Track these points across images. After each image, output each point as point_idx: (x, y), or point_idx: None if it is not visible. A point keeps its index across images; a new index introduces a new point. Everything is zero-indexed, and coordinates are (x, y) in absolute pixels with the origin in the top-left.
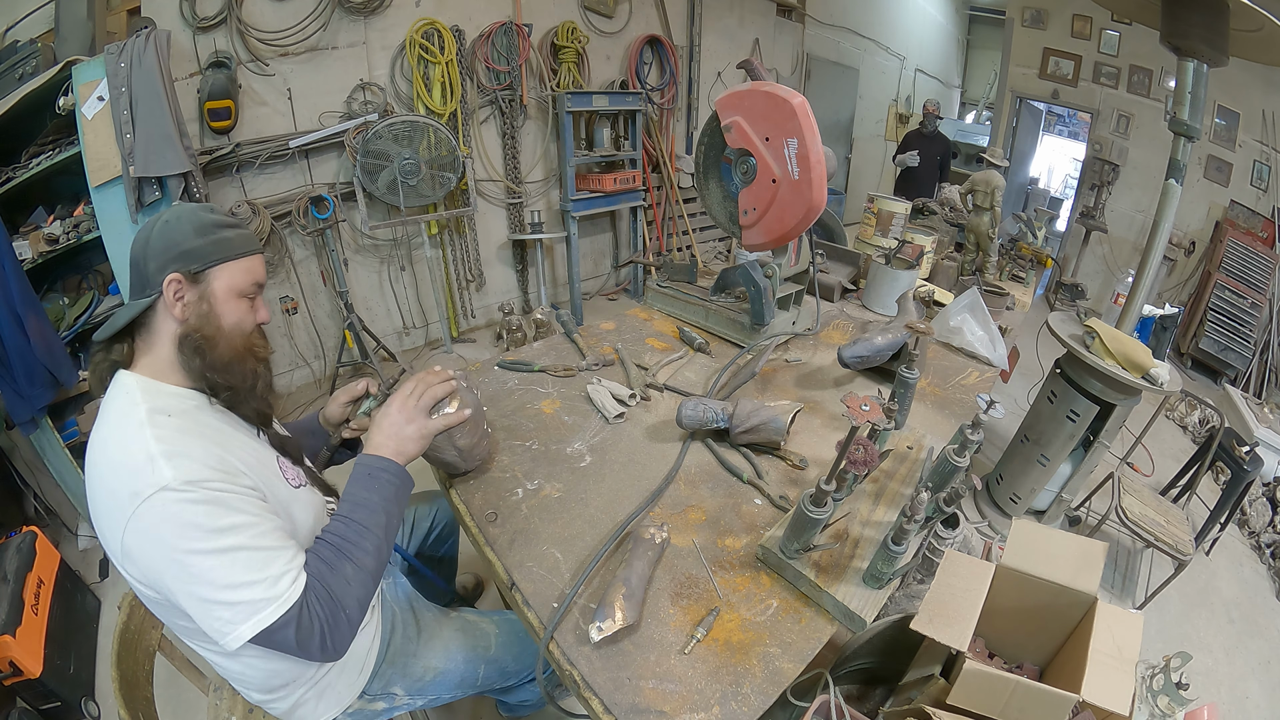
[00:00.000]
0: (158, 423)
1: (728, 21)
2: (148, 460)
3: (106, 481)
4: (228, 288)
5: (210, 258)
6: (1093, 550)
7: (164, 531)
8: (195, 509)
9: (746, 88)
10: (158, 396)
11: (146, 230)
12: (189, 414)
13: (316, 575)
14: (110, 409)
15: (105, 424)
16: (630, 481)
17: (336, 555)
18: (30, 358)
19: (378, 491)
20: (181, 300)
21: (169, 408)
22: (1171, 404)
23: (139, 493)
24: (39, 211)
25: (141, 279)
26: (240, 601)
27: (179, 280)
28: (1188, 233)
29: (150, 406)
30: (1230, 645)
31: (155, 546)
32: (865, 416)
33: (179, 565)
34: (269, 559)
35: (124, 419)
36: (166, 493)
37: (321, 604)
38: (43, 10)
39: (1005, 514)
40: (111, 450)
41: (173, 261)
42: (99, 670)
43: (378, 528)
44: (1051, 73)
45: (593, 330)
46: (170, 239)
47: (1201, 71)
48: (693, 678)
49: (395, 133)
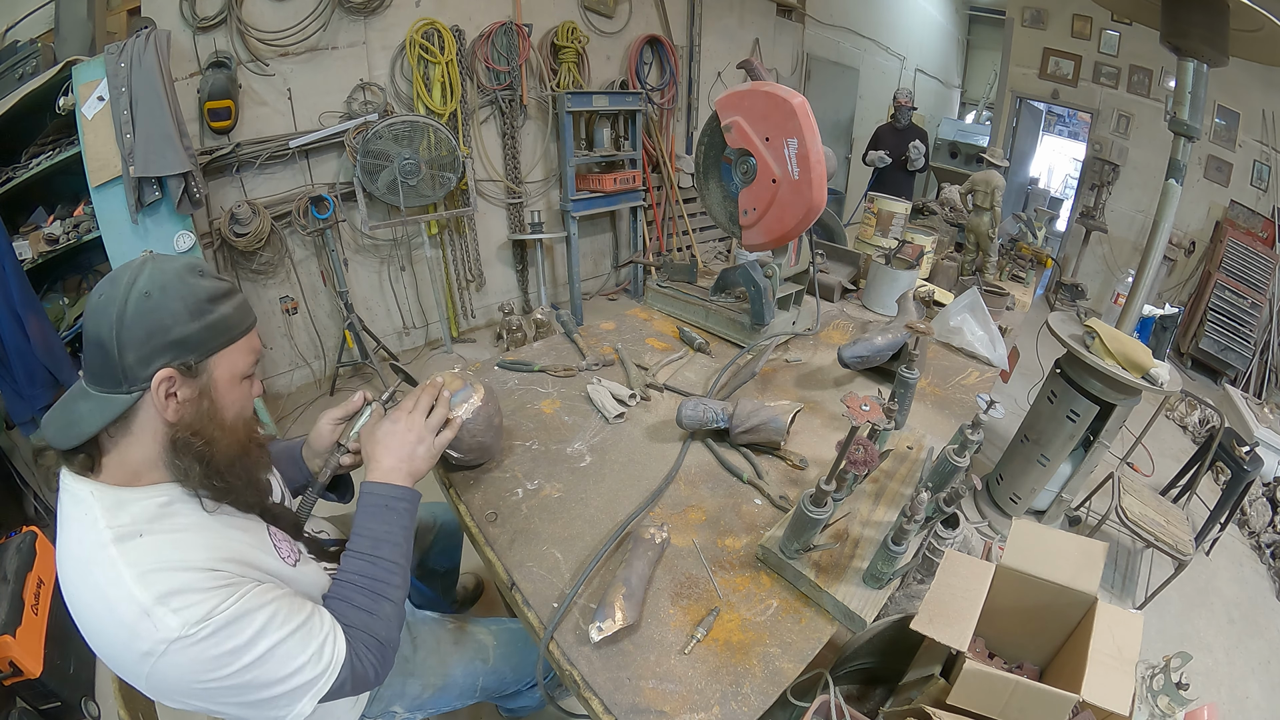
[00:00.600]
0: (129, 555)
1: (728, 21)
2: (143, 615)
3: (100, 640)
4: (230, 375)
5: (210, 345)
6: (1093, 550)
7: (193, 675)
8: (214, 641)
9: (746, 88)
10: (122, 511)
11: (113, 303)
12: (160, 520)
13: (362, 626)
14: (68, 532)
15: (69, 558)
16: (630, 481)
17: (373, 599)
18: (30, 358)
19: (397, 523)
20: (174, 398)
21: (137, 522)
22: (1171, 404)
23: (150, 653)
24: (39, 211)
25: (111, 370)
26: (294, 688)
27: (172, 377)
28: (1188, 233)
29: (115, 533)
30: (1230, 645)
31: (187, 688)
32: (865, 416)
33: (219, 692)
34: (305, 639)
35: (89, 553)
36: (178, 644)
37: (370, 650)
38: (43, 10)
39: (1005, 514)
40: (92, 603)
41: (161, 353)
42: (99, 670)
43: (403, 558)
44: (1051, 73)
45: (593, 330)
46: (156, 322)
47: (1201, 71)
48: (693, 678)
49: (395, 133)
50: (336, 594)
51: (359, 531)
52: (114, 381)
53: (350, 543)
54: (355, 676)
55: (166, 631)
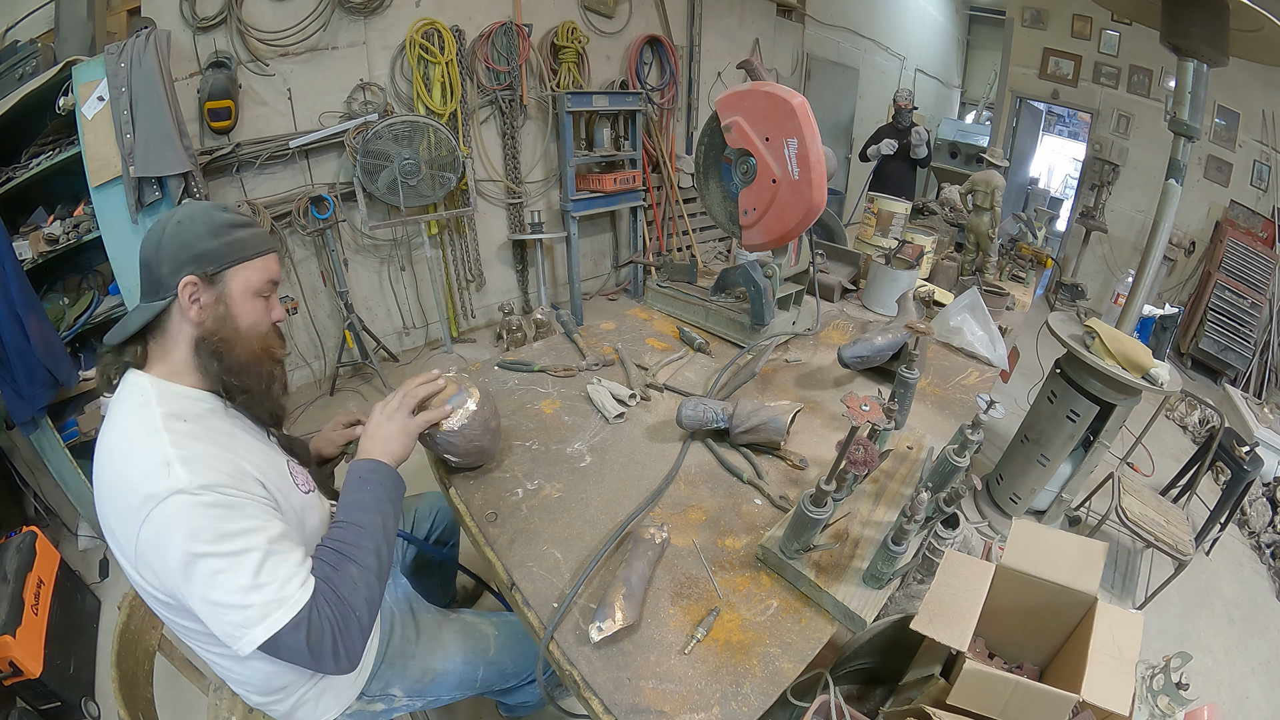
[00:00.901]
0: (173, 428)
1: (728, 21)
2: (164, 464)
3: (119, 484)
4: (244, 288)
5: (226, 259)
6: (1093, 550)
7: (178, 533)
8: (209, 512)
9: (746, 88)
10: (172, 400)
11: (158, 231)
12: (203, 419)
13: (323, 578)
14: (122, 409)
15: (117, 425)
16: (630, 481)
17: (339, 558)
18: (30, 358)
19: (369, 493)
20: (198, 303)
21: (184, 412)
22: (1171, 404)
23: (154, 495)
24: (39, 211)
25: (154, 281)
26: (251, 604)
27: (195, 283)
28: (1188, 233)
29: (165, 411)
30: (1230, 645)
31: (168, 548)
32: (865, 416)
33: (191, 567)
34: (278, 562)
35: (138, 422)
36: (181, 495)
37: (330, 605)
38: (43, 10)
39: (1005, 514)
40: (125, 453)
41: (187, 264)
42: (99, 670)
43: (375, 528)
44: (1051, 73)
45: (593, 330)
46: (184, 240)
47: (1201, 71)
48: (693, 678)
49: (395, 133)
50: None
51: (339, 505)
52: (154, 291)
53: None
54: (311, 631)
55: (175, 481)
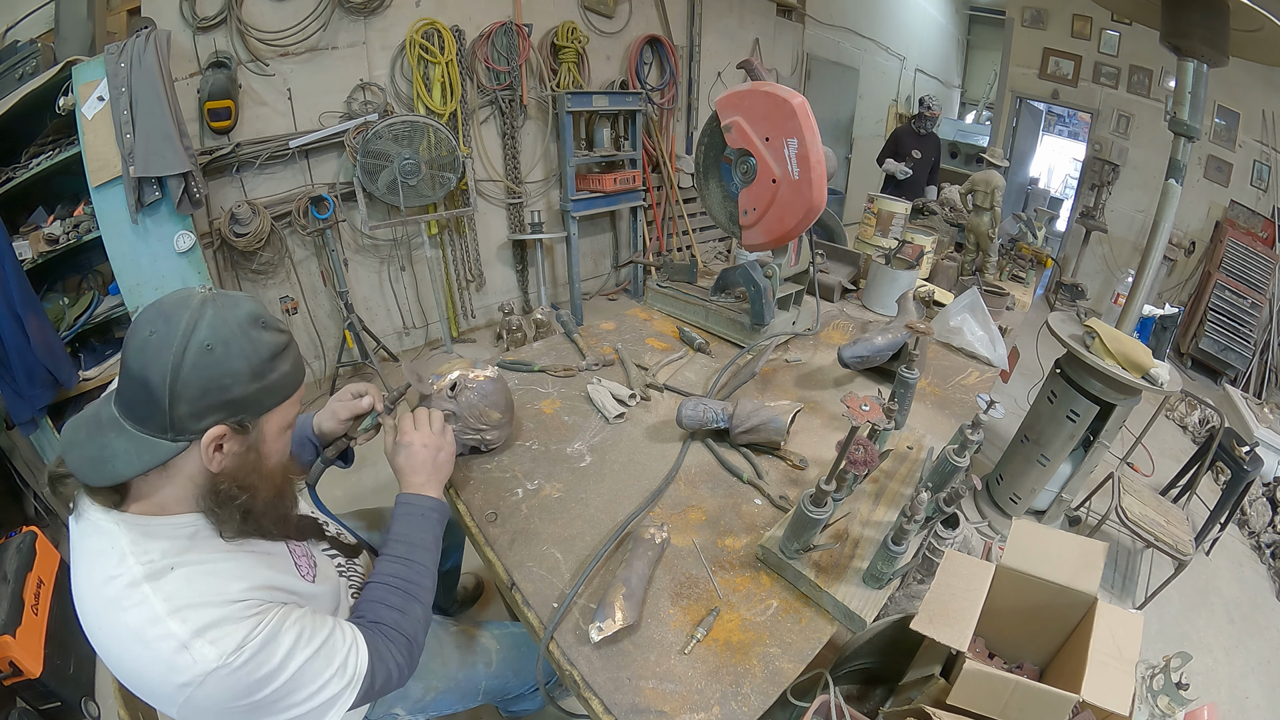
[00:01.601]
0: (162, 590)
1: (728, 21)
2: (181, 649)
3: (134, 677)
4: (279, 428)
5: (266, 405)
6: (1093, 550)
7: (228, 702)
8: (248, 668)
9: (746, 88)
10: (150, 546)
11: (171, 350)
12: (188, 551)
13: (393, 624)
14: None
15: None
16: (630, 481)
17: (405, 599)
18: (30, 358)
19: (430, 531)
20: (221, 452)
21: (166, 557)
22: (1171, 404)
23: (188, 684)
24: (39, 211)
25: (158, 417)
26: (321, 703)
27: (224, 435)
28: (1188, 233)
29: (145, 570)
30: (1230, 645)
31: (223, 713)
32: (865, 416)
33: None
34: (329, 655)
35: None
36: (217, 673)
37: (399, 648)
38: (43, 10)
39: (1005, 514)
40: (127, 642)
41: (216, 410)
42: (99, 670)
43: (433, 564)
44: (1051, 73)
45: (593, 330)
46: (215, 379)
47: (1201, 71)
48: (693, 678)
49: (395, 133)
50: (372, 595)
51: (395, 538)
52: (159, 428)
53: (386, 548)
54: (376, 685)
55: (205, 664)
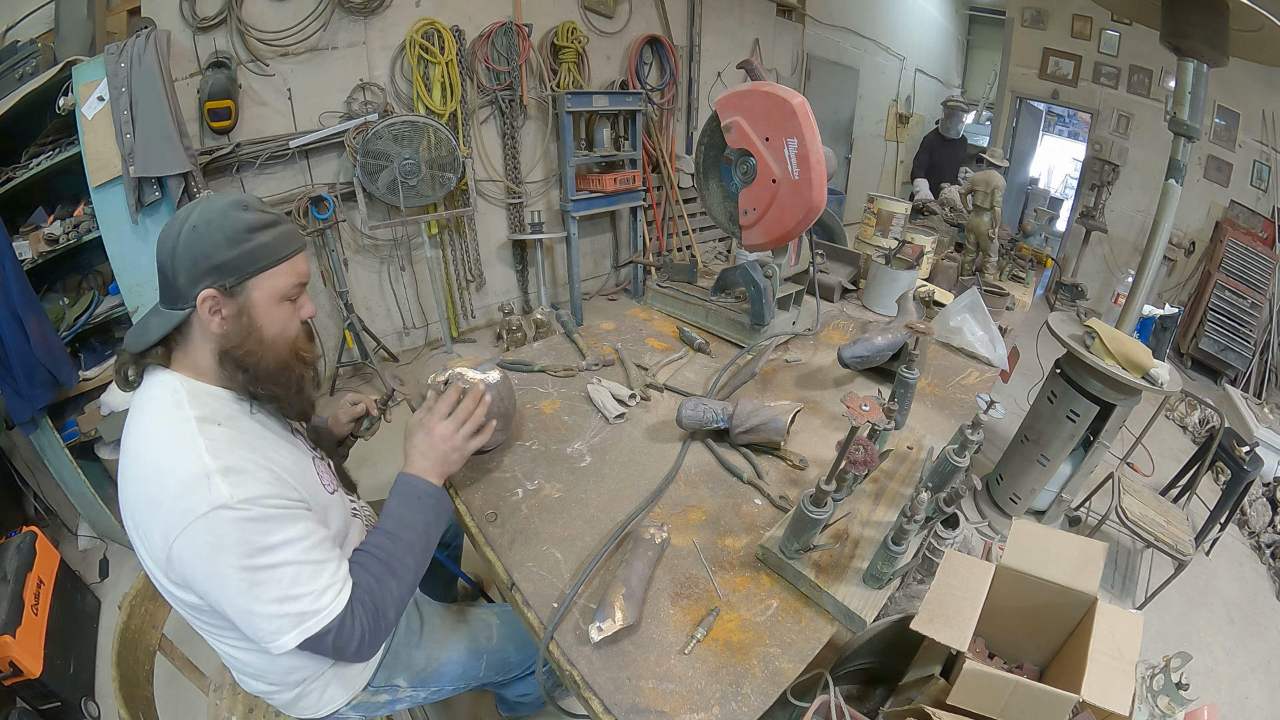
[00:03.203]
0: (209, 433)
1: (728, 21)
2: (204, 476)
3: (155, 491)
4: (269, 296)
5: (247, 269)
6: (1093, 550)
7: (217, 546)
8: (251, 526)
9: (746, 88)
10: (205, 401)
11: (172, 234)
12: (236, 421)
13: (366, 588)
14: (152, 409)
15: (148, 424)
16: (630, 481)
17: (385, 570)
18: (30, 358)
19: (422, 515)
20: (219, 315)
21: (217, 414)
22: (1171, 404)
23: (193, 509)
24: (39, 211)
25: (170, 290)
26: (286, 614)
27: (214, 296)
28: (1188, 233)
29: (199, 414)
30: (1230, 645)
31: (207, 560)
32: (865, 416)
33: (229, 579)
34: (316, 573)
35: (171, 424)
36: (224, 510)
37: (367, 613)
38: (43, 10)
39: (1005, 514)
40: (160, 459)
41: (204, 276)
42: (99, 670)
43: (420, 548)
44: (1051, 73)
45: (593, 330)
46: (199, 249)
47: (1201, 71)
48: (693, 678)
49: (395, 133)
50: (354, 559)
51: (388, 513)
52: (172, 300)
53: (379, 522)
54: (340, 635)
55: (217, 496)
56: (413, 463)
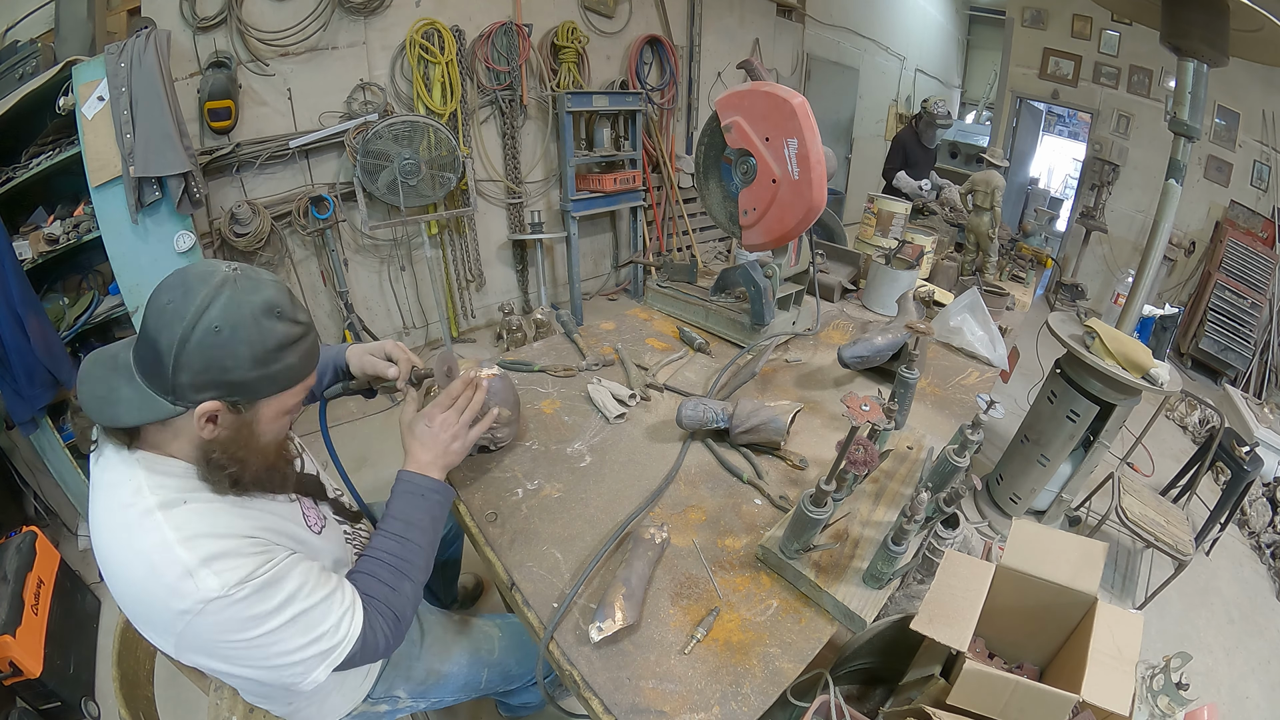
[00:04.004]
0: (174, 520)
1: (728, 21)
2: (185, 575)
3: (144, 602)
4: (276, 413)
5: (264, 392)
6: (1093, 550)
7: (220, 635)
8: (248, 603)
9: (746, 88)
10: (165, 483)
11: (182, 322)
12: (201, 490)
13: (382, 599)
14: (110, 496)
15: (111, 529)
16: (630, 481)
17: (397, 576)
18: (30, 358)
19: (428, 511)
20: (214, 424)
21: (181, 492)
22: (1171, 404)
23: (188, 611)
24: (39, 211)
25: (162, 380)
26: (309, 657)
27: (217, 411)
28: (1188, 233)
29: (160, 499)
30: (1230, 645)
31: (214, 648)
32: (865, 416)
33: (241, 654)
34: (325, 612)
35: (133, 522)
36: (215, 603)
37: (387, 623)
38: (43, 10)
39: (1005, 514)
40: (135, 568)
41: (214, 387)
42: (99, 670)
43: (429, 545)
44: (1051, 73)
45: (593, 330)
46: (216, 358)
47: (1201, 71)
48: (693, 678)
49: (395, 133)
50: (364, 568)
51: (393, 514)
52: (162, 389)
53: (382, 524)
54: (365, 651)
55: (207, 591)
56: (414, 457)
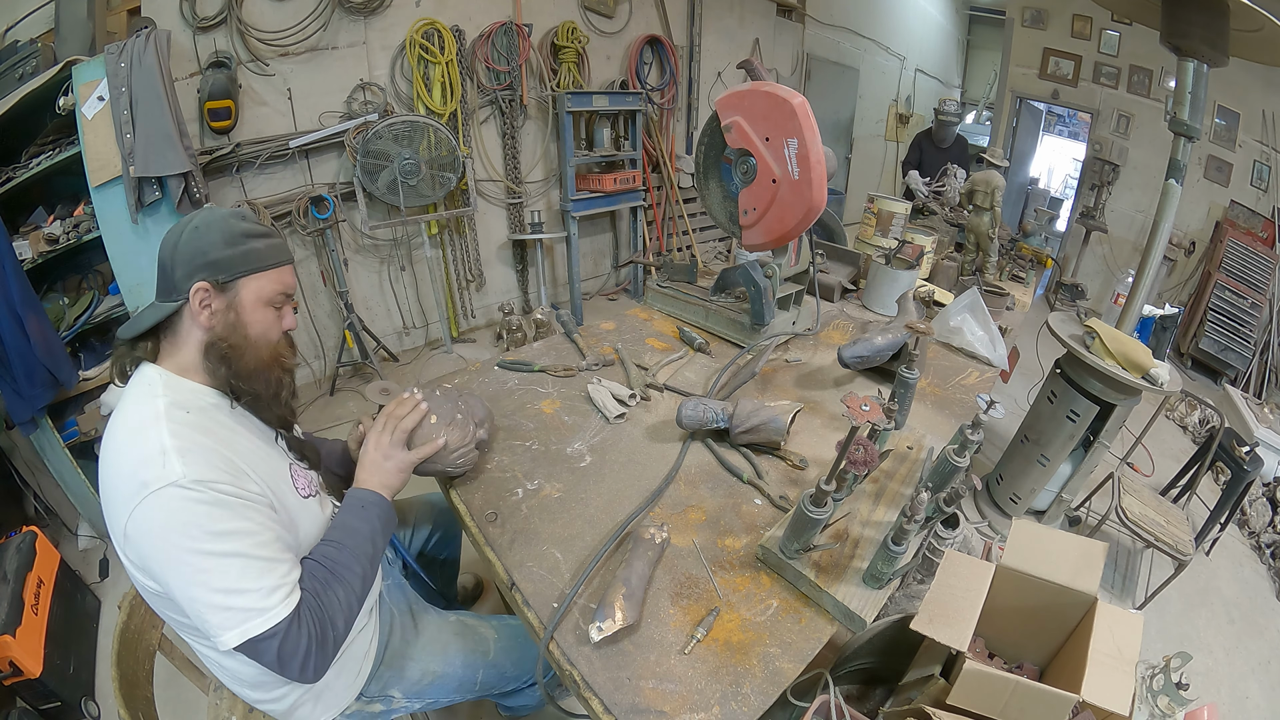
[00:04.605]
0: (174, 417)
1: (728, 21)
2: (160, 453)
3: (117, 468)
4: (255, 298)
5: (238, 268)
6: (1093, 550)
7: (167, 525)
8: (200, 508)
9: (746, 88)
10: (178, 391)
11: (175, 234)
12: (207, 412)
13: (312, 593)
14: (129, 398)
15: (122, 412)
16: (630, 481)
17: (329, 577)
18: (30, 358)
19: (367, 523)
20: (208, 308)
21: (188, 403)
22: (1171, 404)
23: (147, 484)
24: (39, 211)
25: (168, 283)
26: (231, 608)
27: (206, 289)
28: (1188, 233)
29: (169, 401)
30: (1230, 645)
31: (156, 538)
32: (865, 416)
33: (176, 561)
34: (264, 570)
35: (141, 409)
36: (174, 488)
37: (315, 621)
38: (43, 10)
39: (1005, 514)
40: (125, 438)
41: (200, 270)
42: (99, 670)
43: (365, 556)
44: (1051, 73)
45: (593, 330)
46: (198, 247)
47: (1201, 71)
48: (693, 678)
49: (395, 133)
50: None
51: (334, 524)
52: (167, 292)
53: (325, 533)
54: (286, 643)
55: (169, 472)
56: (357, 479)
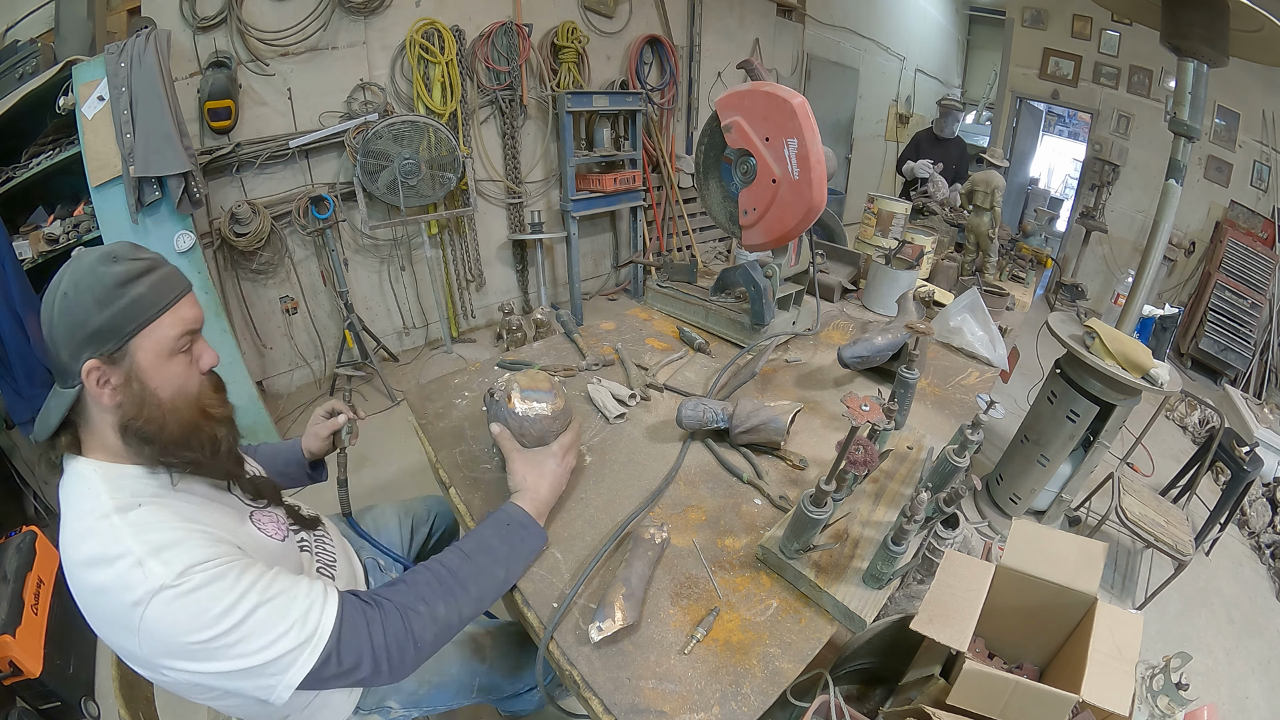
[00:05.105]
0: (129, 519)
1: (728, 21)
2: (135, 565)
3: (100, 600)
4: (155, 354)
5: (124, 329)
6: (1093, 550)
7: (175, 628)
8: (197, 595)
9: (746, 88)
10: (119, 485)
11: (48, 308)
12: (158, 498)
13: (399, 607)
14: (73, 511)
15: (71, 530)
16: (630, 481)
17: (436, 591)
18: (30, 358)
19: (511, 546)
20: (107, 386)
21: (136, 494)
22: (1171, 404)
23: (138, 601)
24: (39, 211)
25: (58, 367)
26: (279, 656)
27: (97, 367)
28: (1188, 233)
29: (116, 504)
30: (1230, 645)
31: (174, 647)
32: (865, 416)
33: (206, 654)
34: (285, 607)
35: (93, 524)
36: (165, 592)
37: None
38: (43, 10)
39: (1005, 514)
40: (92, 566)
41: (84, 346)
42: (99, 670)
43: (491, 579)
44: (1051, 73)
45: (593, 330)
46: (74, 318)
47: (1201, 71)
48: (693, 678)
49: (395, 133)
50: (405, 575)
51: (474, 533)
52: (62, 377)
53: (461, 539)
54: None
55: (154, 580)
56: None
